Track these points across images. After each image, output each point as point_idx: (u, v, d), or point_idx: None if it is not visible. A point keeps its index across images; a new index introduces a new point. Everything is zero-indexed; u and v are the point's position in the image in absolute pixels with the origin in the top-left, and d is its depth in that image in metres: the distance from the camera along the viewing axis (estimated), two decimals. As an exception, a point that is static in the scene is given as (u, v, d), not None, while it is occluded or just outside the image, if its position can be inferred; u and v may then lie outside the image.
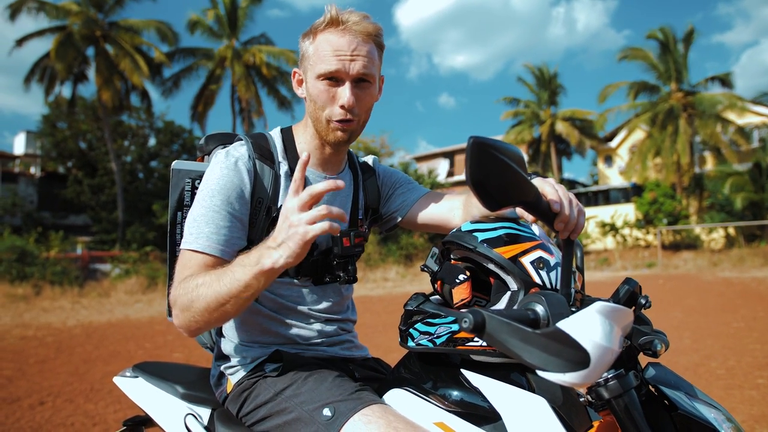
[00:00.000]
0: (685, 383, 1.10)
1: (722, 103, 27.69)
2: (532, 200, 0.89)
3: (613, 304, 0.76)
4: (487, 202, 0.85)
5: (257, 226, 1.34)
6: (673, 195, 28.17)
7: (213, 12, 27.52)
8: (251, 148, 1.36)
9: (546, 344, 0.75)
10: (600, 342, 0.73)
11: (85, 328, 9.28)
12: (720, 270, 20.25)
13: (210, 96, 28.22)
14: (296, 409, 1.20)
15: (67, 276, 16.11)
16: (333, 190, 1.07)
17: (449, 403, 1.11)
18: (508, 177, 0.85)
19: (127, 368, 1.66)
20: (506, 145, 0.86)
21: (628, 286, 1.10)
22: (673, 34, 28.98)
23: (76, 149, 27.14)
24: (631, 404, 0.99)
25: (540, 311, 0.88)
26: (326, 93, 1.32)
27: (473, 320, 0.79)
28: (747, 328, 7.51)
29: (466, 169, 0.83)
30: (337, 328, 1.47)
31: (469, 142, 0.83)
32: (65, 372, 5.75)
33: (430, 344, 1.13)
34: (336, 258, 1.41)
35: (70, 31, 22.88)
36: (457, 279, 1.14)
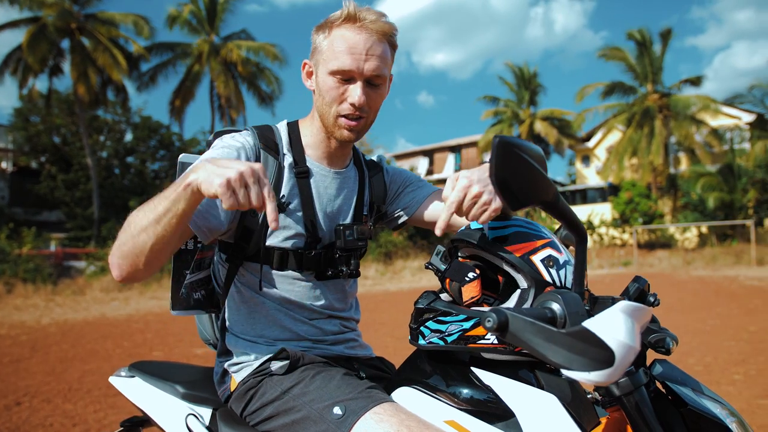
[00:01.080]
0: (692, 379, 1.11)
1: (696, 105, 28.25)
2: (551, 200, 0.89)
3: (636, 304, 0.76)
4: (509, 201, 0.85)
5: (257, 215, 1.32)
6: (649, 195, 28.66)
7: (189, 7, 27.19)
8: (257, 138, 1.36)
9: (571, 343, 0.75)
10: (624, 341, 0.74)
11: (60, 326, 9.12)
12: (693, 268, 20.64)
13: (188, 91, 27.89)
14: (305, 408, 1.18)
15: (40, 273, 15.78)
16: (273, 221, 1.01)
17: (460, 401, 1.11)
18: (531, 176, 0.85)
19: (122, 368, 1.63)
20: (529, 145, 0.87)
21: (637, 285, 1.11)
22: (650, 35, 29.47)
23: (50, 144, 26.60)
24: (641, 401, 1.00)
25: (557, 310, 0.88)
26: (336, 89, 1.31)
27: (497, 319, 0.79)
28: (722, 326, 7.67)
29: (491, 167, 0.83)
30: (341, 326, 1.46)
31: (495, 141, 0.83)
32: (41, 371, 5.64)
33: (441, 342, 1.13)
34: (339, 252, 1.40)
35: (45, 23, 22.40)
36: (467, 277, 1.14)
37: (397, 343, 6.65)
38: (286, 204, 1.34)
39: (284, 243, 1.35)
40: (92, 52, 23.10)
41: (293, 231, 1.35)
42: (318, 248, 1.39)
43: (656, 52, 29.76)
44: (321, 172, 1.41)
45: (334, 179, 1.43)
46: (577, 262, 0.98)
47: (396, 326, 8.12)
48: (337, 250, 1.39)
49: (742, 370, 5.11)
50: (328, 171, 1.43)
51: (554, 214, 0.91)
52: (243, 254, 1.36)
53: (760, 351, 5.92)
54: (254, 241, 1.34)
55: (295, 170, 1.37)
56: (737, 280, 15.54)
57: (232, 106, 28.11)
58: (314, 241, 1.38)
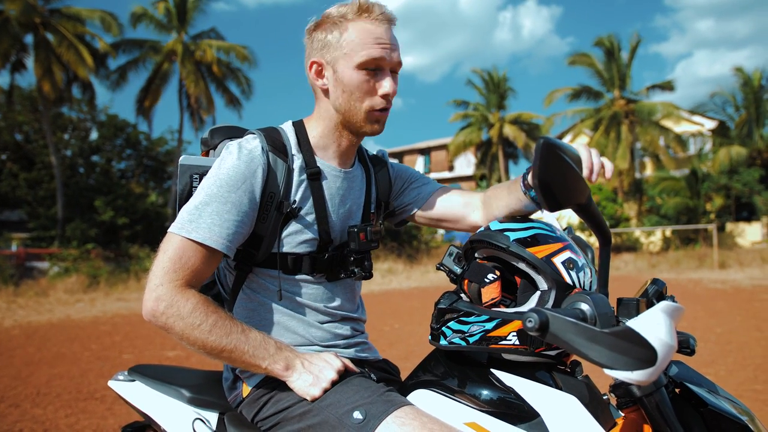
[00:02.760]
0: (708, 381, 1.13)
1: (660, 112, 28.96)
2: (585, 203, 0.90)
3: (675, 304, 0.77)
4: (549, 202, 0.86)
5: (268, 221, 1.29)
6: (615, 199, 29.22)
7: (163, 5, 26.72)
8: (264, 140, 1.31)
9: (615, 343, 0.75)
10: (666, 340, 0.74)
11: (23, 328, 8.86)
12: (658, 271, 21.09)
13: (157, 90, 27.39)
14: (322, 413, 1.16)
15: (1, 274, 15.32)
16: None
17: (480, 402, 1.10)
18: (571, 179, 0.86)
19: (120, 371, 1.59)
20: (570, 147, 0.87)
21: (656, 287, 1.13)
22: (618, 42, 30.10)
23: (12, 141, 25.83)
24: (662, 402, 1.01)
25: (587, 310, 0.89)
26: (367, 83, 1.30)
27: (538, 320, 0.79)
28: (689, 328, 7.83)
29: (534, 169, 0.83)
30: (351, 328, 1.44)
31: (540, 142, 0.83)
32: (7, 376, 5.48)
33: (463, 342, 1.13)
34: (353, 254, 1.38)
35: (7, 17, 21.76)
36: (487, 278, 1.14)
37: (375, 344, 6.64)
38: (297, 210, 1.31)
39: (297, 248, 1.33)
40: (57, 47, 22.51)
41: (306, 236, 1.33)
42: (330, 250, 1.37)
43: (623, 59, 30.42)
44: (332, 173, 1.39)
45: (344, 179, 1.41)
46: (602, 264, 0.99)
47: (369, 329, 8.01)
48: (351, 252, 1.37)
49: (712, 371, 5.22)
50: (339, 171, 1.40)
51: (585, 217, 0.92)
52: (253, 260, 1.33)
53: (727, 352, 6.07)
54: (264, 248, 1.31)
55: (307, 172, 1.34)
56: (701, 283, 15.94)
57: (202, 106, 27.71)
58: (326, 243, 1.36)
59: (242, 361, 1.19)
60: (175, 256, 1.18)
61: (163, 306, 1.15)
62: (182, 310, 1.15)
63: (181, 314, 1.15)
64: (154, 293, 1.16)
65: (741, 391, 4.48)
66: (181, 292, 1.17)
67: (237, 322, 1.21)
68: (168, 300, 1.15)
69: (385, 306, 11.41)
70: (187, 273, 1.18)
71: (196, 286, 1.22)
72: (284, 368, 1.21)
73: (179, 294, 1.16)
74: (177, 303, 1.15)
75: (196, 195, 1.23)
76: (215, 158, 1.40)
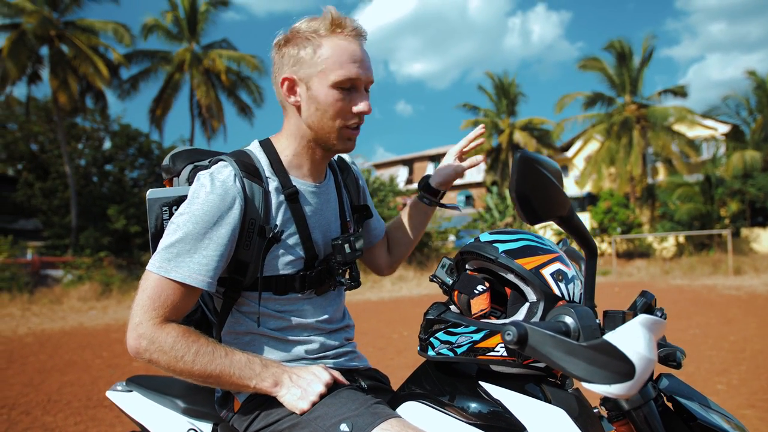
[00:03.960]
0: (698, 394, 1.12)
1: (673, 116, 28.76)
2: (567, 215, 0.90)
3: (654, 317, 0.77)
4: (528, 216, 0.86)
5: (251, 248, 1.28)
6: (627, 204, 29.02)
7: (171, 14, 27.02)
8: (237, 167, 1.27)
9: (592, 356, 0.75)
10: (644, 354, 0.74)
11: (37, 336, 8.95)
12: (672, 278, 20.91)
13: (168, 100, 27.67)
14: (310, 425, 1.17)
15: (16, 282, 15.49)
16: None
17: (468, 415, 1.10)
18: (550, 192, 0.86)
19: (118, 382, 1.60)
20: (548, 160, 0.88)
21: (644, 299, 1.12)
22: (630, 46, 29.96)
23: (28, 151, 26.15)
24: (650, 415, 1.01)
25: (571, 323, 0.89)
26: (342, 101, 1.28)
27: (517, 333, 0.79)
28: (702, 335, 7.76)
29: (512, 182, 0.84)
30: (340, 337, 1.44)
31: (516, 156, 0.84)
32: (19, 383, 5.53)
33: (451, 353, 1.13)
34: (340, 266, 1.38)
35: (24, 30, 22.10)
36: (476, 290, 1.14)
37: (379, 353, 6.63)
38: (280, 233, 1.30)
39: (285, 269, 1.33)
40: (72, 59, 22.83)
41: (292, 256, 1.33)
42: (316, 266, 1.37)
43: (635, 63, 30.27)
44: (308, 190, 1.38)
45: (320, 194, 1.41)
46: (587, 277, 0.98)
47: (377, 336, 8.10)
48: (337, 263, 1.38)
49: (725, 379, 5.16)
50: (314, 186, 1.39)
51: (568, 229, 0.92)
52: (240, 285, 1.32)
53: (740, 360, 6.00)
54: (251, 273, 1.30)
55: (284, 193, 1.32)
56: (715, 289, 15.77)
57: (213, 115, 27.97)
58: (312, 260, 1.36)
59: (230, 383, 1.21)
60: (154, 295, 1.18)
61: (145, 343, 1.16)
62: (164, 345, 1.16)
63: (163, 349, 1.16)
64: (135, 331, 1.17)
65: (754, 401, 4.42)
66: (161, 328, 1.17)
67: (220, 347, 1.21)
68: (149, 337, 1.16)
69: (394, 313, 11.40)
70: (167, 310, 1.19)
71: (177, 320, 1.22)
72: (272, 384, 1.22)
73: (159, 330, 1.17)
74: (158, 339, 1.16)
75: (172, 231, 1.21)
76: (182, 186, 1.40)
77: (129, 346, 1.18)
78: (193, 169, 1.41)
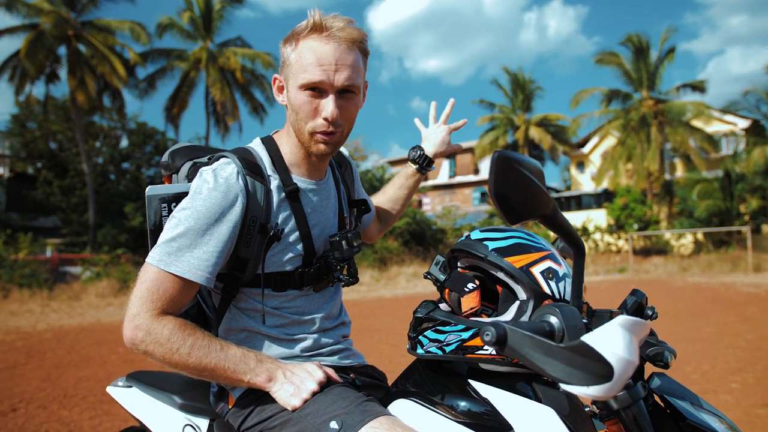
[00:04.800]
0: (690, 393, 1.11)
1: (691, 111, 28.37)
2: (550, 214, 0.89)
3: (634, 318, 0.76)
4: (508, 215, 0.85)
5: (252, 245, 1.29)
6: (644, 201, 28.71)
7: (188, 14, 27.24)
8: (239, 164, 1.28)
9: (570, 358, 0.75)
10: (623, 355, 0.74)
11: (55, 332, 9.08)
12: (689, 275, 20.67)
13: (184, 98, 27.91)
14: (301, 422, 1.18)
15: (36, 278, 15.73)
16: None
17: (457, 413, 1.11)
18: (530, 191, 0.85)
19: (119, 377, 1.63)
20: (528, 159, 0.87)
21: (635, 298, 1.12)
22: (647, 40, 29.58)
23: (47, 150, 26.55)
24: (639, 414, 1.00)
25: (555, 323, 0.88)
26: (309, 104, 1.27)
27: (495, 333, 0.79)
28: (719, 333, 7.66)
29: (490, 182, 0.83)
30: (336, 334, 1.45)
31: (494, 156, 0.83)
32: (37, 377, 5.62)
33: (440, 352, 1.13)
34: (338, 262, 1.39)
35: (42, 30, 22.39)
36: (466, 288, 1.14)
37: (392, 350, 6.64)
38: (280, 231, 1.30)
39: (284, 266, 1.34)
40: (89, 59, 23.11)
41: (291, 254, 1.34)
42: (315, 262, 1.38)
43: (652, 58, 29.89)
44: (309, 188, 1.39)
45: (319, 191, 1.42)
46: (575, 275, 0.98)
47: (391, 333, 8.11)
48: (335, 260, 1.39)
49: (740, 378, 5.09)
50: (314, 184, 1.40)
51: (552, 228, 0.91)
52: (239, 282, 1.33)
53: (757, 359, 5.91)
54: (250, 270, 1.31)
55: (285, 191, 1.33)
56: (734, 287, 15.56)
57: (227, 112, 28.16)
58: (311, 256, 1.37)
59: (225, 377, 1.22)
60: (152, 287, 1.19)
61: (141, 334, 1.18)
62: (160, 337, 1.18)
63: (159, 341, 1.18)
64: (132, 322, 1.18)
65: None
66: (158, 320, 1.19)
67: (215, 341, 1.23)
68: (145, 328, 1.18)
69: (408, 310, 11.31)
70: (165, 302, 1.20)
71: (174, 313, 1.23)
72: (266, 380, 1.23)
73: (156, 321, 1.18)
74: (154, 330, 1.18)
75: (174, 226, 1.21)
76: (181, 183, 1.41)
77: (125, 337, 1.20)
78: (192, 166, 1.42)
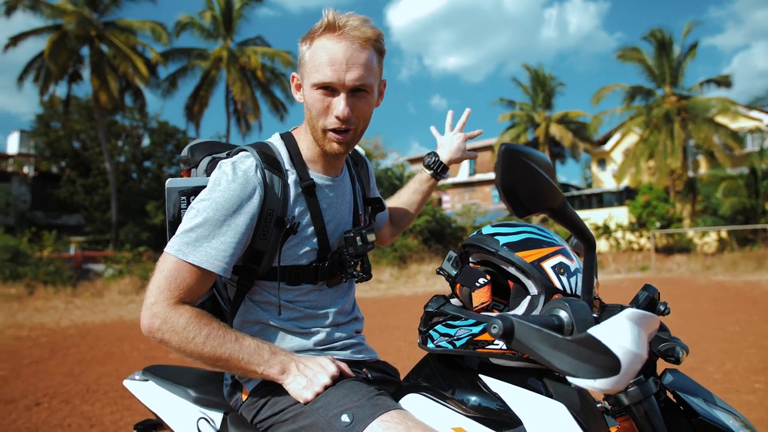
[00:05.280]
0: (703, 390, 1.10)
1: (715, 108, 27.87)
2: (559, 207, 0.88)
3: (642, 311, 0.76)
4: (515, 208, 0.85)
5: (268, 237, 1.31)
6: (666, 198, 28.30)
7: (210, 13, 27.48)
8: (258, 158, 1.31)
9: (577, 351, 0.75)
10: (630, 348, 0.73)
11: (78, 328, 9.23)
12: (713, 274, 20.33)
13: (205, 96, 28.17)
14: (313, 415, 1.19)
15: (60, 276, 16.01)
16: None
17: (468, 408, 1.11)
18: (538, 184, 0.84)
19: (136, 371, 1.65)
20: (536, 152, 0.86)
21: (647, 293, 1.11)
22: (670, 35, 29.12)
23: (70, 149, 26.99)
24: (651, 410, 0.99)
25: (564, 317, 0.88)
26: (321, 102, 1.29)
27: (503, 326, 0.79)
28: (742, 332, 7.53)
29: (497, 175, 0.83)
30: (349, 329, 1.47)
31: (501, 148, 0.83)
32: (60, 373, 5.71)
33: (450, 346, 1.13)
34: (352, 258, 1.40)
35: (65, 31, 22.75)
36: (477, 282, 1.14)
37: (410, 348, 6.64)
38: (296, 224, 1.32)
39: (298, 260, 1.36)
40: (112, 59, 23.43)
41: (306, 248, 1.36)
42: (329, 258, 1.40)
43: (675, 53, 29.41)
44: (325, 183, 1.41)
45: (335, 187, 1.43)
46: (586, 270, 0.97)
47: (410, 331, 8.11)
48: (350, 256, 1.40)
49: (763, 378, 5.00)
50: (330, 180, 1.42)
51: (562, 222, 0.91)
52: (254, 275, 1.35)
53: (781, 358, 5.81)
54: (266, 262, 1.33)
55: (302, 186, 1.35)
56: (759, 285, 15.27)
57: (248, 111, 28.39)
58: (325, 251, 1.39)
59: (238, 368, 1.23)
60: (170, 276, 1.21)
61: (158, 323, 1.20)
62: (176, 326, 1.19)
63: (175, 329, 1.19)
64: (150, 311, 1.20)
65: (791, 400, 4.28)
66: (175, 309, 1.20)
67: (231, 331, 1.24)
68: (162, 317, 1.20)
69: (427, 308, 11.35)
70: (182, 292, 1.22)
71: (191, 303, 1.25)
72: (280, 372, 1.24)
73: (173, 310, 1.20)
74: (171, 319, 1.20)
75: (192, 216, 1.24)
76: (200, 177, 1.43)
77: (142, 325, 1.22)
78: (211, 160, 1.45)
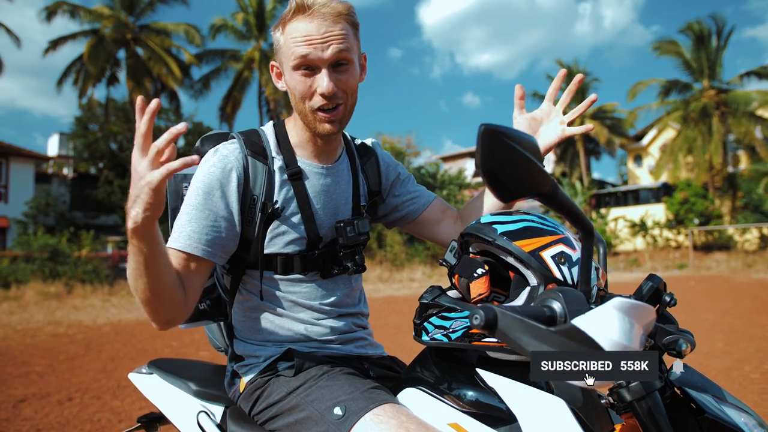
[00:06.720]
0: (714, 385, 1.04)
1: (756, 100, 27.04)
2: (549, 191, 0.83)
3: (632, 300, 0.71)
4: (499, 193, 0.79)
5: (254, 224, 1.30)
6: (705, 195, 27.57)
7: (241, 15, 27.88)
8: (243, 145, 1.32)
9: (561, 342, 0.71)
10: (618, 340, 0.69)
11: (114, 326, 9.44)
12: (754, 271, 19.73)
13: (238, 97, 28.58)
14: (307, 408, 1.18)
15: (97, 275, 16.41)
16: (176, 137, 1.08)
17: (464, 403, 1.07)
18: (523, 167, 0.79)
19: (142, 365, 1.66)
20: (520, 133, 0.80)
21: (651, 283, 1.05)
22: (708, 28, 28.33)
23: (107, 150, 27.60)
24: (654, 407, 0.94)
25: (557, 308, 0.83)
26: (303, 84, 1.27)
27: (484, 316, 0.75)
28: (782, 331, 7.29)
29: (477, 157, 0.78)
30: (350, 323, 1.44)
31: (480, 129, 0.78)
32: (94, 369, 5.84)
33: (445, 339, 1.10)
34: (342, 249, 1.37)
35: (102, 35, 23.33)
36: (475, 273, 1.10)
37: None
38: (280, 210, 1.31)
39: (285, 248, 1.34)
40: (147, 61, 23.93)
41: (293, 235, 1.34)
42: (320, 248, 1.37)
43: (713, 46, 28.61)
44: (314, 170, 1.38)
45: (327, 175, 1.40)
46: (583, 259, 0.92)
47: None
48: (340, 247, 1.37)
49: (801, 377, 4.83)
50: (321, 168, 1.39)
51: (554, 207, 0.85)
52: (244, 263, 1.35)
53: (823, 358, 5.59)
54: (253, 250, 1.33)
55: (287, 172, 1.34)
56: (802, 283, 14.77)
57: (281, 110, 28.69)
58: (316, 241, 1.36)
59: (136, 262, 1.13)
60: None
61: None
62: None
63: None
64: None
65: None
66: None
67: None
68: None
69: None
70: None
71: (188, 289, 1.23)
72: (132, 224, 1.10)
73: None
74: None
75: (182, 206, 1.28)
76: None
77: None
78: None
